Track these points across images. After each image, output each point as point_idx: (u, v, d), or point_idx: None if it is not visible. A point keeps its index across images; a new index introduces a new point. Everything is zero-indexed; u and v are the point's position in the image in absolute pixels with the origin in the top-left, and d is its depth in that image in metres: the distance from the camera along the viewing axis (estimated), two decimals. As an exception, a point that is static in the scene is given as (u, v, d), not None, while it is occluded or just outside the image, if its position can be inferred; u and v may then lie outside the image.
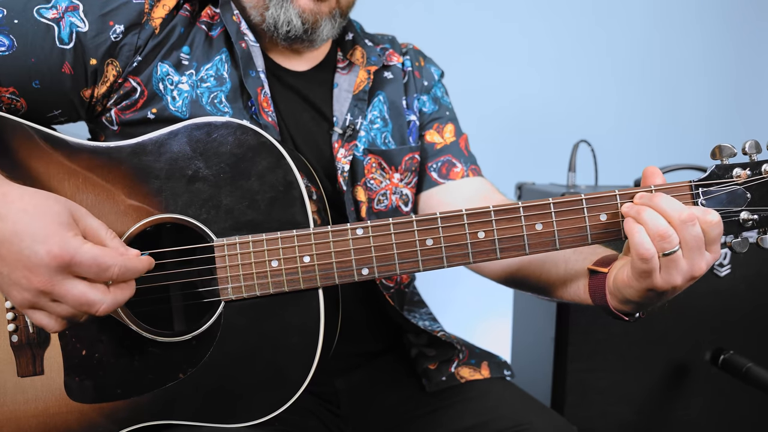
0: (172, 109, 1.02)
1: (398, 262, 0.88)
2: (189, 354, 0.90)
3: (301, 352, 0.89)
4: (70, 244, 0.75)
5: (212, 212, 0.89)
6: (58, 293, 0.76)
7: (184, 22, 1.04)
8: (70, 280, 0.76)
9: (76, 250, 0.75)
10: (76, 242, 0.75)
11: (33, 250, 0.74)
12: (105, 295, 0.78)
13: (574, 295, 0.97)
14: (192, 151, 0.90)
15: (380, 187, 1.17)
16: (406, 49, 1.30)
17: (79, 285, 0.76)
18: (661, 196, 0.81)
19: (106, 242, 0.80)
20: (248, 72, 1.05)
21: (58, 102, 1.00)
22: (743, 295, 1.65)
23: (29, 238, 0.74)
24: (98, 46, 0.97)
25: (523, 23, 2.54)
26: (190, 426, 0.91)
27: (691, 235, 0.79)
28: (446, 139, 1.25)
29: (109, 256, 0.77)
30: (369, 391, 1.18)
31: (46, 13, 0.96)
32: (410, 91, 1.25)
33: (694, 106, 2.73)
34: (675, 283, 0.80)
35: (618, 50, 2.63)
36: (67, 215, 0.77)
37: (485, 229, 0.87)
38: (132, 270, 0.80)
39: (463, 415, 1.10)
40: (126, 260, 0.79)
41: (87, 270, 0.76)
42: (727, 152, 0.83)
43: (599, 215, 0.86)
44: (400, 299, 1.25)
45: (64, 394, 0.90)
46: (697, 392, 1.65)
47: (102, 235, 0.80)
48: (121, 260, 0.78)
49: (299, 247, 0.88)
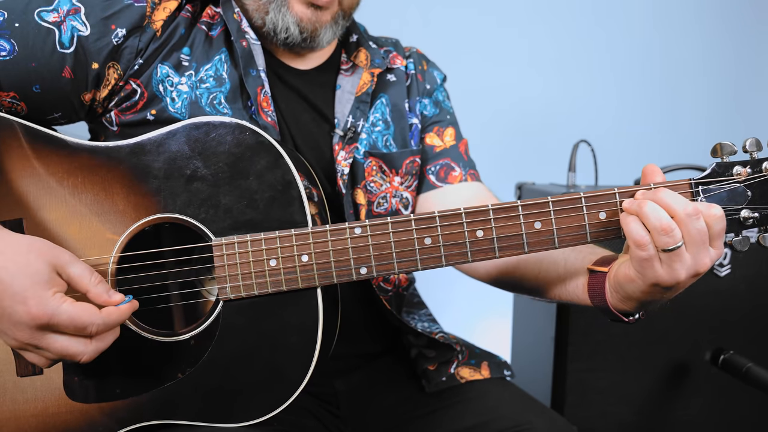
0: (171, 110, 1.02)
1: (397, 261, 0.88)
2: (188, 354, 0.90)
3: (300, 351, 0.89)
4: (49, 305, 0.77)
5: (211, 212, 0.89)
6: (42, 346, 0.79)
7: (186, 23, 1.04)
8: (51, 335, 0.79)
9: (54, 311, 0.77)
10: (55, 302, 0.77)
11: (14, 309, 0.77)
12: (86, 347, 0.80)
13: (573, 295, 0.97)
14: (190, 150, 0.90)
15: (380, 190, 1.17)
16: (410, 52, 1.29)
17: (59, 340, 0.79)
18: (664, 190, 0.81)
19: (90, 289, 0.81)
20: (248, 71, 1.05)
21: (59, 105, 0.99)
22: (743, 295, 1.64)
23: (9, 299, 0.77)
24: (100, 50, 0.97)
25: (523, 24, 2.55)
26: (189, 426, 0.90)
27: (696, 229, 0.78)
28: (446, 142, 1.25)
29: (86, 315, 0.79)
30: (368, 392, 1.18)
31: (47, 16, 0.95)
32: (413, 94, 1.25)
33: (693, 106, 2.73)
34: (679, 277, 0.80)
35: (618, 50, 2.63)
36: (47, 272, 0.79)
37: (484, 228, 0.87)
38: (110, 324, 0.81)
39: (463, 415, 1.10)
40: (104, 317, 0.80)
41: (65, 329, 0.78)
42: (728, 150, 0.83)
43: (598, 213, 0.86)
44: (398, 302, 1.25)
45: (64, 393, 0.90)
46: (697, 392, 1.65)
47: (86, 282, 0.82)
48: (98, 318, 0.79)
49: (297, 247, 0.88)
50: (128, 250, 0.90)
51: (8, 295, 0.76)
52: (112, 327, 0.82)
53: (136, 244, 0.91)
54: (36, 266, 0.78)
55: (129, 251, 0.90)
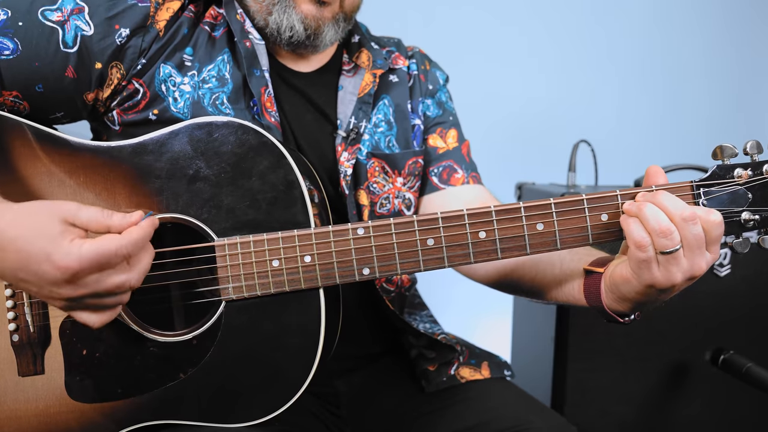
0: (173, 110, 1.02)
1: (399, 261, 0.88)
2: (190, 354, 0.90)
3: (302, 352, 0.89)
4: (72, 253, 0.76)
5: (213, 212, 0.89)
6: (88, 292, 0.78)
7: (189, 23, 1.04)
8: (91, 277, 0.77)
9: (78, 255, 0.76)
10: (75, 248, 0.76)
11: (44, 270, 0.76)
12: (129, 272, 0.80)
13: (569, 296, 0.97)
14: (193, 150, 0.90)
15: (383, 191, 1.17)
16: (412, 52, 1.29)
17: (101, 278, 0.78)
18: (664, 193, 0.81)
19: (108, 224, 0.80)
20: (252, 71, 1.05)
21: (61, 104, 0.99)
22: (743, 295, 1.65)
23: (35, 263, 0.76)
24: (103, 50, 0.97)
25: (524, 24, 2.54)
26: (191, 426, 0.91)
27: (692, 234, 0.79)
28: (449, 144, 1.25)
29: (109, 242, 0.77)
30: (369, 393, 1.18)
31: (51, 15, 0.95)
32: (415, 94, 1.24)
33: (694, 106, 2.73)
34: (675, 280, 0.80)
35: (618, 50, 2.63)
36: (60, 225, 0.78)
37: (486, 229, 0.87)
38: (136, 240, 0.80)
39: (464, 415, 1.10)
40: (127, 236, 0.79)
41: (98, 266, 0.77)
42: (729, 152, 0.83)
43: (600, 215, 0.86)
44: (400, 302, 1.25)
45: (65, 393, 0.90)
46: (697, 392, 1.65)
47: (100, 219, 0.80)
48: (122, 239, 0.78)
49: (300, 247, 0.88)
50: (130, 250, 0.90)
51: (33, 260, 0.76)
52: (140, 243, 0.80)
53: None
54: (47, 224, 0.77)
55: (131, 251, 0.90)
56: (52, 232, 0.77)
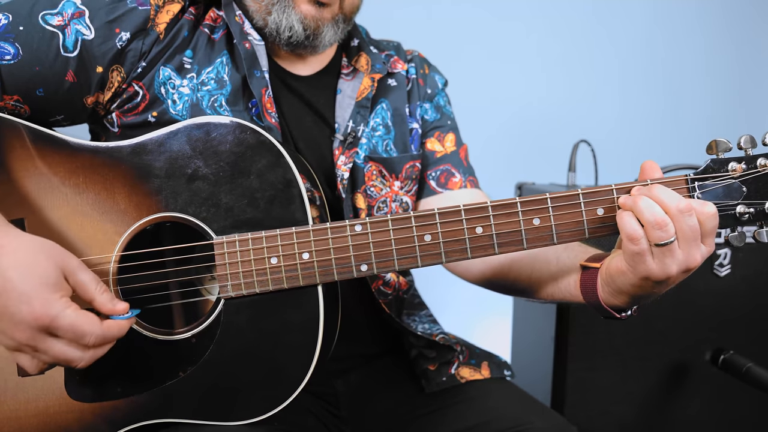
0: (172, 112, 1.03)
1: (397, 258, 0.89)
2: (189, 352, 0.90)
3: (301, 350, 0.89)
4: (53, 308, 0.77)
5: (212, 210, 0.90)
6: (40, 348, 0.79)
7: (189, 25, 1.04)
8: (51, 338, 0.78)
9: (57, 314, 0.77)
10: (59, 306, 0.77)
11: (18, 308, 0.76)
12: (83, 353, 0.80)
13: (565, 292, 0.97)
14: (192, 150, 0.90)
15: (380, 194, 1.17)
16: (411, 56, 1.30)
17: (58, 344, 0.79)
18: (659, 186, 0.82)
19: (95, 297, 0.82)
20: (253, 72, 1.05)
21: (62, 108, 1.00)
22: (743, 295, 1.64)
23: (15, 298, 0.76)
24: (104, 54, 0.97)
25: (524, 23, 2.55)
26: (190, 424, 0.91)
27: (688, 226, 0.79)
28: (447, 148, 1.26)
29: (87, 324, 0.78)
30: (369, 392, 1.18)
31: (52, 19, 0.96)
32: (413, 98, 1.25)
33: (695, 106, 2.73)
34: (670, 272, 0.80)
35: (619, 50, 2.63)
36: (56, 275, 0.79)
37: (483, 224, 0.87)
38: (109, 337, 0.81)
39: (464, 415, 1.10)
40: (104, 329, 0.80)
41: (64, 334, 0.78)
42: (723, 147, 0.84)
43: (596, 209, 0.86)
44: (398, 305, 1.25)
45: (65, 393, 0.90)
46: (697, 392, 1.65)
47: (92, 290, 0.82)
48: (98, 329, 0.79)
49: (298, 244, 0.89)
50: (130, 249, 0.91)
51: (15, 294, 0.76)
52: (110, 341, 0.82)
53: (138, 243, 0.91)
54: (45, 268, 0.78)
55: (130, 250, 0.91)
56: (46, 279, 0.78)
